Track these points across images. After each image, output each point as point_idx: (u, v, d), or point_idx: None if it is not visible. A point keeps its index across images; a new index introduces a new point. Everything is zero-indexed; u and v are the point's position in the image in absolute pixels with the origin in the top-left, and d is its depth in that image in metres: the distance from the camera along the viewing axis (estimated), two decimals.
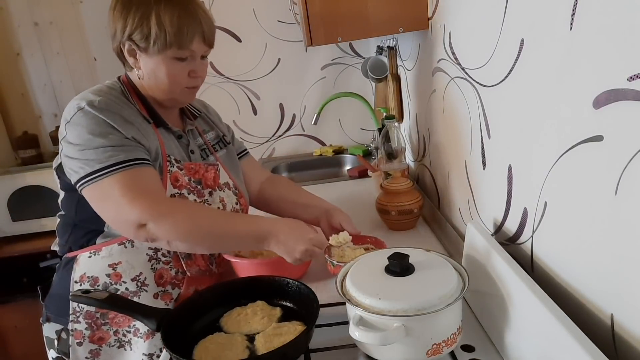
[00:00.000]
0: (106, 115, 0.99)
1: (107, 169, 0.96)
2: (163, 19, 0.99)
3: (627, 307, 0.61)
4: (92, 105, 0.99)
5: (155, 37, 0.99)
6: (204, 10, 1.05)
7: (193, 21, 1.01)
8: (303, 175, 2.43)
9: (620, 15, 0.55)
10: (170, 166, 1.06)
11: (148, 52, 1.02)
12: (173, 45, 1.00)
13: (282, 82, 2.49)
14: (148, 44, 1.00)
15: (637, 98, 0.54)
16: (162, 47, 1.00)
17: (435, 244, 1.33)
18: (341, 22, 1.38)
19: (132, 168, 0.97)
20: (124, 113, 1.02)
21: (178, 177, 1.06)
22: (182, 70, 1.05)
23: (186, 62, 1.04)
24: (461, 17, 1.10)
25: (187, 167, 1.09)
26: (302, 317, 0.93)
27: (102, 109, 0.99)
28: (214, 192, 1.13)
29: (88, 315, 1.08)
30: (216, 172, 1.15)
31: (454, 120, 1.21)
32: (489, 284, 0.85)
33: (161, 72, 1.03)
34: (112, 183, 0.95)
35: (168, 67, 1.03)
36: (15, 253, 2.31)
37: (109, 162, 0.96)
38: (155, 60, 1.02)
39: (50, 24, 2.54)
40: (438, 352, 0.76)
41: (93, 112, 0.98)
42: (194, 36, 1.02)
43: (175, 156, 1.09)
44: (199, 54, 1.06)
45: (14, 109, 2.65)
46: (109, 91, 1.05)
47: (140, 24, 0.99)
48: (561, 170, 0.72)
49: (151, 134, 1.06)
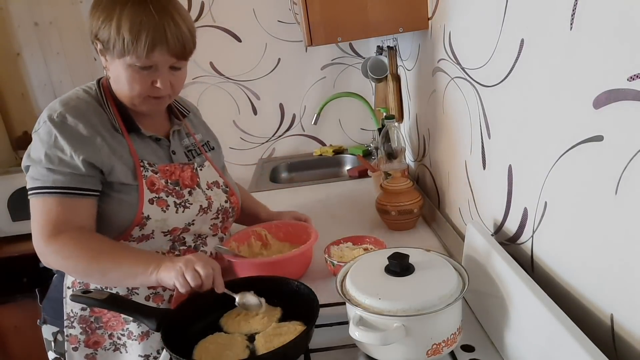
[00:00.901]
0: (62, 132, 0.98)
1: (44, 189, 0.98)
2: (122, 24, 0.93)
3: (627, 307, 0.61)
4: (51, 119, 0.99)
5: (114, 42, 0.95)
6: (178, 19, 0.97)
7: (155, 30, 0.94)
8: (303, 175, 2.43)
9: (620, 15, 0.55)
10: (145, 171, 1.06)
11: (111, 55, 0.99)
12: (130, 54, 0.95)
13: (282, 82, 2.49)
14: (109, 47, 0.97)
15: (637, 98, 0.54)
16: (119, 53, 0.96)
17: (435, 244, 1.33)
18: (341, 22, 1.38)
19: (63, 197, 0.98)
20: (87, 124, 1.01)
21: (154, 181, 1.06)
22: (144, 79, 0.99)
23: (149, 71, 0.99)
24: (461, 17, 1.10)
25: (162, 169, 1.08)
26: (302, 317, 0.93)
27: (59, 123, 0.99)
28: (193, 191, 1.12)
29: (82, 320, 1.09)
30: (193, 171, 1.14)
31: (454, 120, 1.21)
32: (489, 284, 0.85)
33: (122, 77, 1.00)
34: (40, 205, 0.98)
35: (127, 74, 0.99)
36: (15, 253, 2.31)
37: (46, 183, 0.98)
38: (117, 65, 0.99)
39: (50, 24, 2.54)
40: (438, 352, 0.76)
41: (51, 130, 0.99)
42: (154, 46, 0.95)
43: (149, 160, 1.08)
44: (164, 65, 0.99)
45: (14, 109, 2.65)
46: (82, 97, 1.05)
47: (103, 26, 0.96)
48: (561, 170, 0.72)
49: (116, 144, 1.04)
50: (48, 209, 0.98)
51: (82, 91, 1.07)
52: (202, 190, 1.14)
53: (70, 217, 0.98)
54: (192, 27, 1.02)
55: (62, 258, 0.97)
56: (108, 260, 0.96)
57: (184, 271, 0.90)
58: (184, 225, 1.09)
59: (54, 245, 0.97)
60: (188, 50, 1.01)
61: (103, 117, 1.04)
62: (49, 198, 0.98)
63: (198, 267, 0.90)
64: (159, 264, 0.94)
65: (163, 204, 1.06)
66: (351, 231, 1.32)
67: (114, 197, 1.03)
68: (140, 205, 1.03)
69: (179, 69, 1.03)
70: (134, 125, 1.08)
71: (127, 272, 0.96)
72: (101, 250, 0.98)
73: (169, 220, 1.06)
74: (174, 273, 0.91)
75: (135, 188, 1.03)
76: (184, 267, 0.91)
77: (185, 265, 0.91)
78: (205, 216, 1.13)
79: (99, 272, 0.98)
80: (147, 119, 1.12)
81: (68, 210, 0.98)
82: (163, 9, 0.95)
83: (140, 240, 1.06)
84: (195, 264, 0.91)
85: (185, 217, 1.09)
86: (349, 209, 1.68)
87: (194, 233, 1.13)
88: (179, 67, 1.03)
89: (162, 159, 1.11)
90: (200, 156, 1.20)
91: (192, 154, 1.18)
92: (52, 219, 0.97)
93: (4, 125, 2.63)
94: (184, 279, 0.90)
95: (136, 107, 1.06)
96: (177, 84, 1.05)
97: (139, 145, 1.08)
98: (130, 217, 1.03)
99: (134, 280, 0.98)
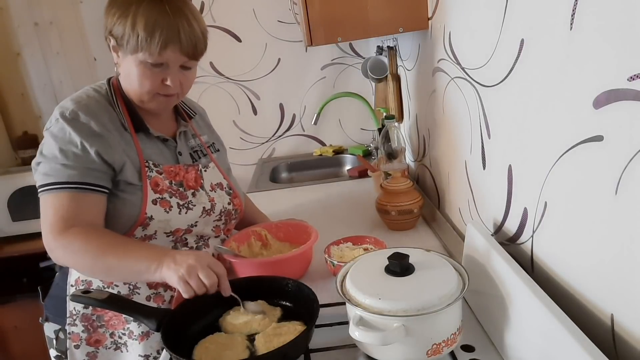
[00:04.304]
0: (75, 128, 0.99)
1: (57, 184, 0.98)
2: (138, 21, 0.96)
3: (627, 307, 0.61)
4: (63, 116, 1.00)
5: (128, 37, 0.98)
6: (192, 20, 1.00)
7: (169, 29, 0.97)
8: (303, 175, 2.43)
9: (620, 16, 0.55)
10: (149, 171, 1.06)
11: (124, 51, 1.01)
12: (143, 50, 0.98)
13: (282, 82, 2.49)
14: (122, 43, 1.00)
15: (637, 98, 0.54)
16: (132, 49, 0.99)
17: (435, 244, 1.33)
18: (341, 22, 1.37)
19: (77, 192, 0.98)
20: (99, 122, 1.01)
21: (158, 182, 1.06)
22: (154, 76, 1.02)
23: (160, 68, 1.01)
24: (461, 17, 1.10)
25: (167, 170, 1.09)
26: (302, 317, 0.93)
27: (72, 120, 1.00)
28: (197, 192, 1.12)
29: (84, 318, 1.09)
30: (197, 172, 1.14)
31: (454, 120, 1.21)
32: (489, 284, 0.85)
33: (133, 74, 1.02)
34: (52, 201, 0.98)
35: (138, 71, 1.01)
36: (15, 253, 2.31)
37: (60, 179, 0.98)
38: (129, 61, 1.01)
39: (50, 24, 2.54)
40: (438, 352, 0.76)
41: (64, 127, 0.99)
42: (167, 45, 0.98)
43: (154, 160, 1.08)
44: (175, 64, 1.02)
45: (14, 109, 2.65)
46: (92, 96, 1.06)
47: (118, 22, 0.99)
48: (561, 170, 0.72)
49: (125, 143, 1.05)
50: (60, 204, 0.98)
51: (92, 90, 1.08)
52: (206, 192, 1.14)
53: (81, 212, 0.98)
54: (204, 29, 1.05)
55: (69, 253, 0.97)
56: (113, 257, 0.96)
57: (187, 279, 0.89)
58: (187, 227, 1.09)
59: (63, 240, 0.96)
60: (199, 51, 1.04)
61: (113, 116, 1.06)
62: (62, 193, 0.98)
63: (202, 276, 0.89)
64: (160, 263, 0.92)
65: (166, 205, 1.06)
66: (351, 231, 1.32)
67: (118, 196, 1.03)
68: (144, 206, 1.03)
69: (189, 69, 1.06)
70: (142, 125, 1.09)
71: (131, 269, 0.96)
72: (108, 245, 0.97)
73: (171, 221, 1.06)
74: (176, 279, 0.89)
75: (139, 188, 1.04)
76: (186, 275, 0.89)
77: (189, 273, 0.89)
78: (208, 218, 1.13)
79: (104, 269, 0.98)
80: (155, 119, 1.13)
81: (80, 205, 0.99)
82: (178, 10, 0.99)
83: (142, 240, 1.06)
84: (199, 272, 0.89)
85: (188, 218, 1.09)
86: (349, 209, 1.68)
87: (197, 234, 1.13)
88: (189, 67, 1.06)
89: (168, 160, 1.12)
90: (205, 157, 1.21)
91: (197, 155, 1.19)
92: (63, 214, 0.97)
93: (4, 125, 2.64)
94: (188, 285, 0.89)
95: (145, 105, 1.07)
96: (186, 83, 1.07)
97: (145, 145, 1.09)
98: (134, 217, 1.03)
99: (139, 278, 0.99)
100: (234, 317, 0.95)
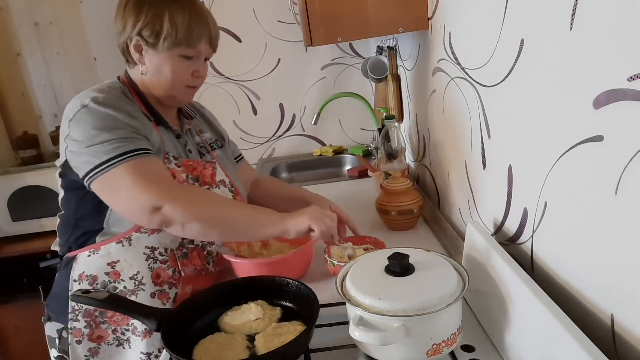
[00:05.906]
0: (110, 109, 1.00)
1: (115, 159, 0.97)
2: (176, 17, 1.04)
3: (627, 307, 0.61)
4: (96, 101, 1.00)
5: (167, 34, 1.03)
6: (211, 16, 1.12)
7: (202, 23, 1.07)
8: (303, 175, 2.43)
9: (620, 16, 0.55)
10: (168, 163, 1.08)
11: (156, 48, 1.05)
12: (182, 44, 1.05)
13: (282, 82, 2.49)
14: (157, 40, 1.04)
15: (637, 98, 0.54)
16: (171, 44, 1.04)
17: (435, 244, 1.33)
18: (341, 22, 1.38)
19: (140, 157, 0.99)
20: (127, 109, 1.04)
21: (175, 174, 1.08)
22: (187, 68, 1.09)
23: (191, 61, 1.09)
24: (461, 17, 1.10)
25: (185, 164, 1.11)
26: (302, 317, 0.93)
27: (106, 104, 1.01)
28: (211, 188, 1.14)
29: (87, 314, 1.09)
30: (213, 169, 1.17)
31: (454, 120, 1.21)
32: (489, 284, 0.85)
33: (166, 68, 1.07)
34: (122, 172, 0.97)
35: (174, 64, 1.07)
36: (15, 253, 2.31)
37: (116, 152, 0.97)
38: (162, 57, 1.06)
39: (50, 24, 2.54)
40: (438, 352, 0.76)
41: (97, 108, 1.00)
42: (201, 37, 1.07)
43: (173, 154, 1.11)
44: (204, 55, 1.12)
45: (14, 109, 2.65)
46: (110, 90, 1.07)
47: (153, 21, 1.04)
48: (561, 170, 0.72)
49: (153, 131, 1.08)
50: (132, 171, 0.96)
51: (107, 86, 1.09)
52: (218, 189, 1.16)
53: (162, 173, 1.01)
54: None
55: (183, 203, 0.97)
56: (234, 207, 1.05)
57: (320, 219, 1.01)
58: None
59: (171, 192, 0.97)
60: (217, 44, 1.16)
61: (135, 107, 1.08)
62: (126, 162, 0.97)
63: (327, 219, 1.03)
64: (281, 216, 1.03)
65: None
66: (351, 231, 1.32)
67: None
68: None
69: (207, 60, 1.16)
70: (161, 119, 1.12)
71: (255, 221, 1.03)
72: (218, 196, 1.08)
73: None
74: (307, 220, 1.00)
75: None
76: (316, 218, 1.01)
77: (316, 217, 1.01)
78: None
79: (225, 220, 1.01)
80: (165, 116, 1.15)
81: (157, 167, 1.01)
82: (201, 7, 1.10)
83: (152, 232, 1.06)
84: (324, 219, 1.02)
85: None
86: (349, 209, 1.67)
87: None
88: (209, 59, 1.16)
89: (181, 155, 1.14)
90: (208, 154, 1.22)
91: (202, 152, 1.21)
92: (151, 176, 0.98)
93: (4, 125, 2.63)
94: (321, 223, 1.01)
95: (171, 97, 1.12)
96: (205, 75, 1.17)
97: (165, 137, 1.12)
98: None
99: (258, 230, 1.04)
100: (233, 317, 0.95)
